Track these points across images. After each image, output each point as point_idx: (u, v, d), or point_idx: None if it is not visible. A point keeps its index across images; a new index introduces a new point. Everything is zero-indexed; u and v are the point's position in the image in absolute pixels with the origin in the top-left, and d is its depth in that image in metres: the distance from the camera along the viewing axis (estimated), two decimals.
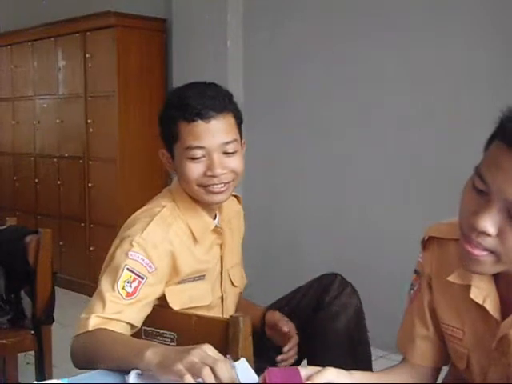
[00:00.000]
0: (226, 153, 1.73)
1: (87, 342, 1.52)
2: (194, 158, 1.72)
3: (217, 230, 1.87)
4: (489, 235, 1.09)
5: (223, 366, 1.24)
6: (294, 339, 1.93)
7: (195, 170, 1.72)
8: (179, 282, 1.76)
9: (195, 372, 1.23)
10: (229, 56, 4.63)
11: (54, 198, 5.59)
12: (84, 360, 1.50)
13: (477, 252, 1.12)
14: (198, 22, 4.78)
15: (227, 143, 1.73)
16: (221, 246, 1.90)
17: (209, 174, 1.72)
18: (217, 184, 1.74)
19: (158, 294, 1.70)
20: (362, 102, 4.01)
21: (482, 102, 3.45)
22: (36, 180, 5.81)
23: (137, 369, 1.34)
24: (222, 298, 1.93)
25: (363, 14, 3.98)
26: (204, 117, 1.69)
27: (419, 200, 3.77)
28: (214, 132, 1.71)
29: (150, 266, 1.64)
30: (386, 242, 3.93)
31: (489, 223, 1.08)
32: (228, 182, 1.76)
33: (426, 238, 1.41)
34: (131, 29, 4.97)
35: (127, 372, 1.35)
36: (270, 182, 4.50)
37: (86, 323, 1.54)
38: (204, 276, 1.83)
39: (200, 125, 1.70)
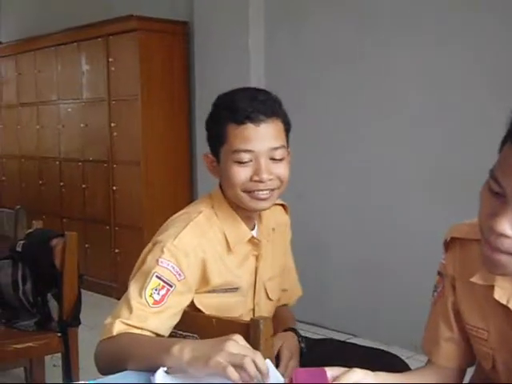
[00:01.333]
0: (273, 159, 1.69)
1: (112, 346, 1.52)
2: (241, 162, 1.67)
3: (253, 241, 1.82)
4: (508, 237, 1.08)
5: (262, 357, 1.27)
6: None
7: (242, 173, 1.68)
8: (209, 291, 1.74)
9: (236, 363, 1.25)
10: (251, 57, 4.64)
11: (79, 202, 5.64)
12: (109, 365, 1.50)
13: (497, 254, 1.10)
14: (219, 24, 4.80)
15: (275, 149, 1.69)
16: (257, 257, 1.85)
17: (255, 178, 1.67)
18: (262, 190, 1.69)
19: (186, 303, 1.67)
20: (386, 101, 3.99)
21: (506, 100, 3.43)
22: (61, 184, 5.86)
23: (164, 366, 1.35)
24: (253, 310, 1.88)
25: (383, 13, 3.98)
26: (254, 120, 1.66)
27: (445, 200, 3.75)
28: (263, 136, 1.67)
29: (179, 274, 1.61)
30: (411, 243, 3.91)
31: (506, 225, 1.07)
32: (273, 189, 1.72)
33: (449, 239, 1.40)
34: (153, 32, 5.00)
35: (153, 371, 1.36)
36: (293, 182, 4.50)
37: (110, 328, 1.54)
38: (237, 289, 1.79)
39: (249, 128, 1.66)
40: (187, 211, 1.79)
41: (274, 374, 1.35)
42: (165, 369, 1.36)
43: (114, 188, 5.25)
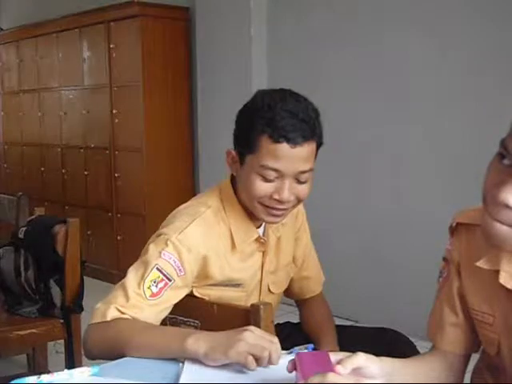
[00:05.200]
0: (298, 180, 1.66)
1: (108, 331, 1.50)
2: (265, 178, 1.64)
3: (259, 240, 1.80)
4: (510, 208, 1.05)
5: (279, 346, 1.32)
6: None
7: (263, 188, 1.65)
8: (209, 285, 1.73)
9: (255, 354, 1.30)
10: (253, 44, 4.62)
11: (81, 188, 5.64)
12: (102, 349, 1.49)
13: (497, 225, 1.08)
14: (221, 10, 4.77)
15: (303, 172, 1.65)
16: (263, 253, 1.83)
17: (275, 197, 1.65)
18: (279, 208, 1.68)
19: (181, 297, 1.66)
20: (388, 87, 3.98)
21: None
22: (63, 171, 5.86)
23: (175, 357, 1.38)
24: None
25: None
26: (291, 141, 1.60)
27: (447, 186, 3.74)
28: (295, 159, 1.62)
29: (180, 270, 1.61)
30: (413, 229, 3.90)
31: (510, 196, 1.05)
32: (288, 208, 1.70)
33: (454, 225, 1.39)
34: (155, 18, 4.98)
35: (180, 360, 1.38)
36: None
37: (104, 313, 1.52)
38: (239, 285, 1.78)
39: (284, 148, 1.60)
40: (195, 203, 1.77)
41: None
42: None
43: (116, 175, 5.25)
